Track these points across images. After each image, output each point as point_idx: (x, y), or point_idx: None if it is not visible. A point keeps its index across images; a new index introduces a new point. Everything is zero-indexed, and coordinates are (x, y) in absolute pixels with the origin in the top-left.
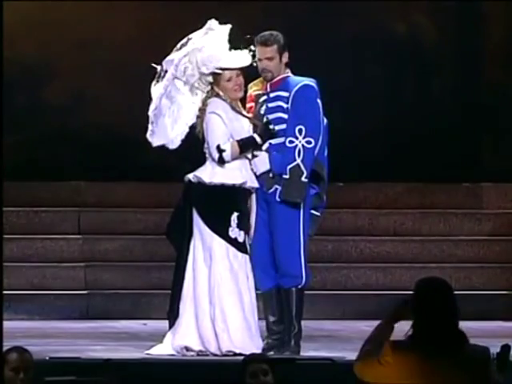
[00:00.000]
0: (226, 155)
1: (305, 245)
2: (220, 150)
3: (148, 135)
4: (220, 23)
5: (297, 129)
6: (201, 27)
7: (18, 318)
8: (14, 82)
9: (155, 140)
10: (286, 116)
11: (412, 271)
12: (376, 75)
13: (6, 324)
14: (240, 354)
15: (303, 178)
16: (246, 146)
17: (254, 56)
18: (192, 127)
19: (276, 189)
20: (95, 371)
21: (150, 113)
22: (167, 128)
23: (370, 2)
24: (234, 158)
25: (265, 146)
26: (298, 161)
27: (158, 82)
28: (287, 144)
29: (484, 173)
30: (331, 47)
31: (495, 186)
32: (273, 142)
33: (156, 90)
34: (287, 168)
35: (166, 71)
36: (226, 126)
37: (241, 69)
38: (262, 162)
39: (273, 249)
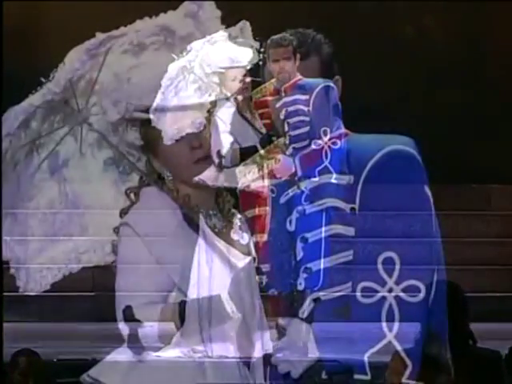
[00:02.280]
0: (225, 161)
1: (327, 246)
2: (219, 156)
3: (152, 108)
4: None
5: (321, 130)
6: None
7: (27, 319)
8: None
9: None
10: (307, 119)
11: (419, 273)
12: (382, 77)
13: (15, 326)
14: (233, 358)
15: (332, 180)
16: (247, 156)
17: (262, 58)
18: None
19: (302, 192)
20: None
21: (159, 94)
22: (166, 124)
23: (378, 2)
24: (233, 165)
25: (288, 151)
26: (326, 162)
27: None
28: (313, 146)
29: (492, 174)
30: (337, 49)
31: (503, 187)
32: (296, 145)
33: (175, 64)
34: (315, 170)
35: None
36: (229, 131)
37: (245, 68)
38: (287, 166)
39: (287, 251)
